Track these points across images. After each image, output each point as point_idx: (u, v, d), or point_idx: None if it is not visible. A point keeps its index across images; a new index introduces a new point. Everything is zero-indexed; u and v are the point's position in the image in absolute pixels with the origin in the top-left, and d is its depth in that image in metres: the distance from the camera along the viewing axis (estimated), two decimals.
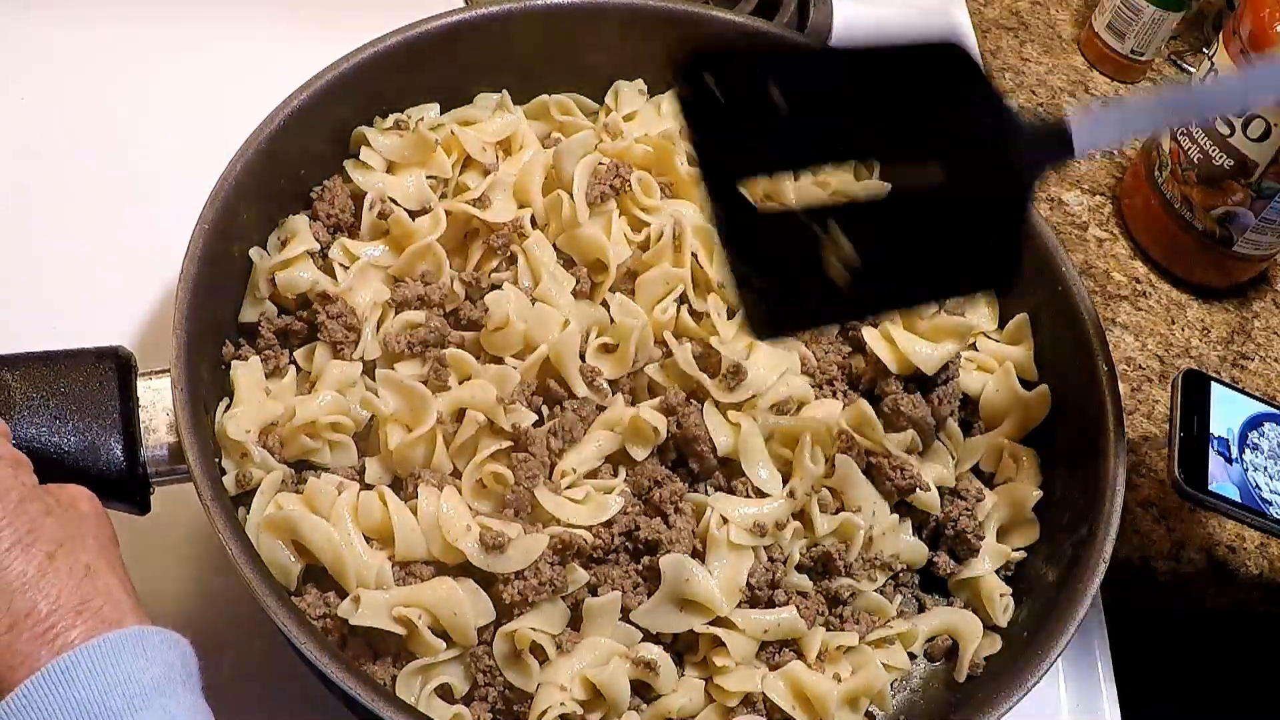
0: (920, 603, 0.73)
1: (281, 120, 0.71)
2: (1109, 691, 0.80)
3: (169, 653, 0.49)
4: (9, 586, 0.47)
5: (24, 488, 0.51)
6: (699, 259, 0.73)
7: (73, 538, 0.51)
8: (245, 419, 0.64)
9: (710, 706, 0.64)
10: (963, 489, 0.73)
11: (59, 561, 0.49)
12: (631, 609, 0.63)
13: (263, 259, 0.71)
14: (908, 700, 0.70)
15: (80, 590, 0.49)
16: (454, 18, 0.79)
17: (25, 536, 0.49)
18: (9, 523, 0.49)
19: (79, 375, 0.60)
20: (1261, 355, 1.02)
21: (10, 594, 0.47)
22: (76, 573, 0.49)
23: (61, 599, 0.48)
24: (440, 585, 0.61)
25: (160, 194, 0.83)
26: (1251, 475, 0.93)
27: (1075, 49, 1.21)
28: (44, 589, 0.48)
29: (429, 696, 0.61)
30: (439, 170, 0.76)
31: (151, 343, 0.78)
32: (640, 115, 0.83)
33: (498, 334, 0.68)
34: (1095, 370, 0.73)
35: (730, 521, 0.64)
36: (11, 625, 0.47)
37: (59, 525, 0.51)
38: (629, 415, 0.67)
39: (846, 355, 0.75)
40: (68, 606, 0.48)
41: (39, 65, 0.93)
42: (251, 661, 0.68)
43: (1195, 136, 0.96)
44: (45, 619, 0.47)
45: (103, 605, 0.49)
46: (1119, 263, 1.05)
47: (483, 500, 0.65)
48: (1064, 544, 0.71)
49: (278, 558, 0.62)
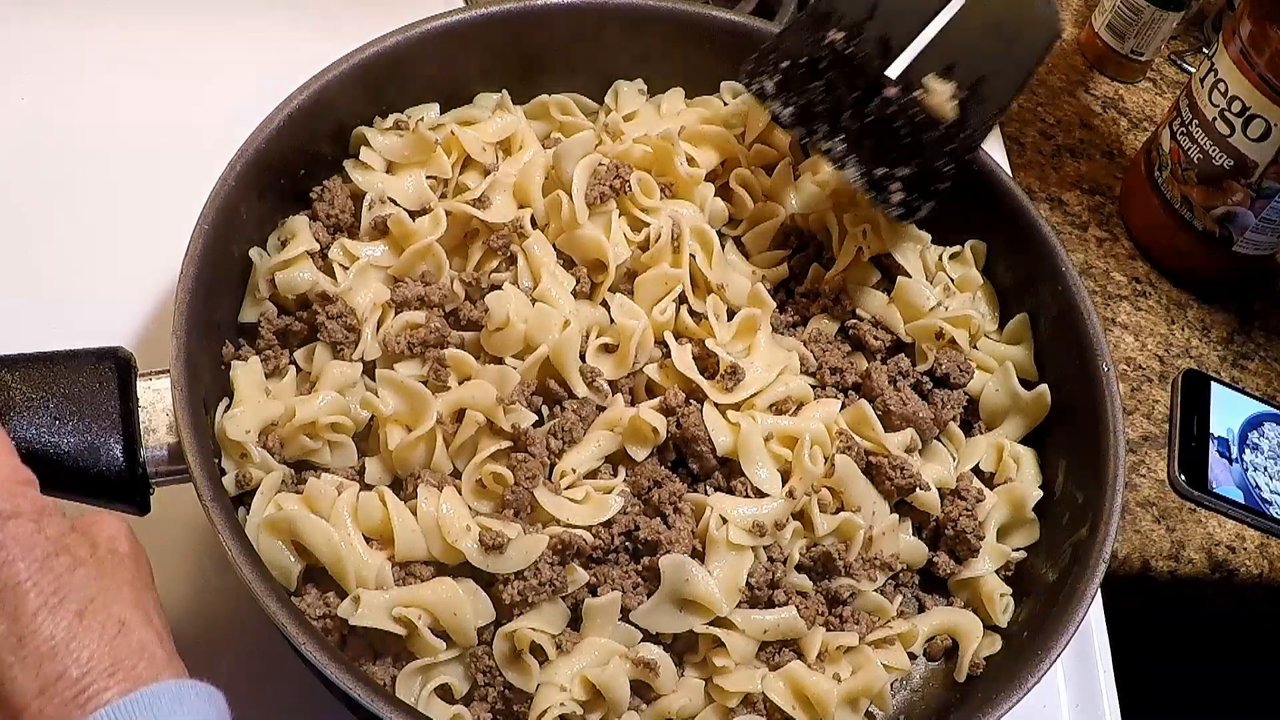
0: (920, 603, 0.73)
1: (281, 120, 0.71)
2: (1109, 691, 0.80)
3: (204, 707, 0.48)
4: (37, 651, 0.46)
5: (49, 541, 0.48)
6: (697, 259, 0.73)
7: (105, 590, 0.49)
8: (245, 419, 0.64)
9: (710, 707, 0.64)
10: (963, 489, 0.73)
11: (89, 620, 0.47)
12: (631, 609, 0.63)
13: (263, 259, 0.71)
14: (908, 700, 0.70)
15: (113, 650, 0.47)
16: (454, 18, 0.79)
17: (52, 597, 0.47)
18: (34, 583, 0.47)
19: (79, 375, 0.60)
20: (1261, 355, 1.02)
21: (39, 658, 0.45)
22: (109, 630, 0.47)
23: (93, 660, 0.46)
24: (440, 585, 0.61)
25: (160, 194, 0.83)
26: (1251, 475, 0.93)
27: (1075, 49, 1.21)
28: (74, 651, 0.46)
29: (429, 696, 0.61)
30: (439, 170, 0.76)
31: (151, 343, 0.78)
32: (640, 115, 0.83)
33: (498, 334, 0.68)
34: (1095, 370, 0.73)
35: (730, 521, 0.64)
36: (42, 690, 0.45)
37: (89, 578, 0.48)
38: (629, 415, 0.67)
39: (846, 355, 0.75)
40: (100, 668, 0.46)
41: (39, 65, 0.93)
42: (251, 661, 0.68)
43: (1195, 136, 0.96)
44: (76, 682, 0.45)
45: (136, 664, 0.47)
46: (1119, 263, 1.05)
47: (482, 500, 0.65)
48: (1064, 544, 0.71)
49: (277, 558, 0.62)
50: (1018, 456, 0.76)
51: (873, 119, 0.72)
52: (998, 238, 0.81)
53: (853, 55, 0.72)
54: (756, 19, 0.85)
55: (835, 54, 0.72)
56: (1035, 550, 0.73)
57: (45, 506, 0.50)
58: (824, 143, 0.73)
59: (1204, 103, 0.95)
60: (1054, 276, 0.77)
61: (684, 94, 0.85)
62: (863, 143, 0.72)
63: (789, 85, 0.73)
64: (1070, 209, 1.07)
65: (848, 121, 0.72)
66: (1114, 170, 1.11)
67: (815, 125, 0.73)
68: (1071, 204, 1.08)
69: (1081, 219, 1.07)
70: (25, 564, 0.47)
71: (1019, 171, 1.08)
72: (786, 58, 0.73)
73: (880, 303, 0.77)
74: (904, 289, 0.76)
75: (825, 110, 0.72)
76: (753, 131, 0.82)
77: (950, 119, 0.71)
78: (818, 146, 0.73)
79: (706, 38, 0.83)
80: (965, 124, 0.72)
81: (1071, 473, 0.73)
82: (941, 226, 0.83)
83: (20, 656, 0.46)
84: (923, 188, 0.72)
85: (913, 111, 0.71)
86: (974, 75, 0.72)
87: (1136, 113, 1.17)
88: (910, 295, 0.76)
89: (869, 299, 0.77)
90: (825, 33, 0.73)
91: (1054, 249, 0.77)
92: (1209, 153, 0.95)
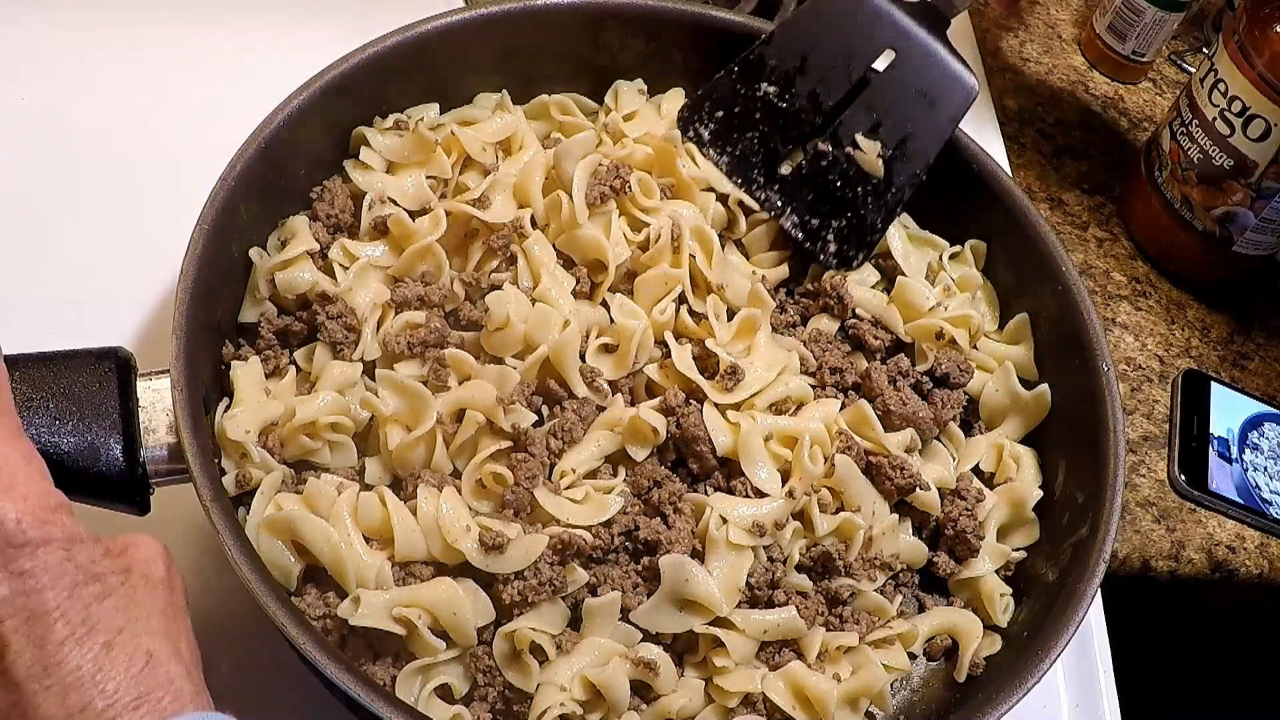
0: (920, 603, 0.73)
1: (281, 120, 0.71)
2: (1109, 691, 0.80)
3: None
4: (63, 681, 0.45)
5: (79, 569, 0.48)
6: (697, 259, 0.73)
7: (134, 621, 0.48)
8: (245, 419, 0.64)
9: (710, 707, 0.64)
10: (963, 489, 0.73)
11: (116, 652, 0.47)
12: (631, 609, 0.63)
13: (263, 259, 0.71)
14: (908, 700, 0.70)
15: (140, 683, 0.47)
16: (454, 18, 0.79)
17: (79, 628, 0.46)
18: (62, 614, 0.46)
19: (79, 375, 0.60)
20: (1261, 355, 1.02)
21: (65, 689, 0.45)
22: (136, 663, 0.47)
23: (119, 693, 0.46)
24: (440, 585, 0.61)
25: (160, 194, 0.83)
26: (1251, 475, 0.93)
27: (1075, 49, 1.21)
28: (100, 683, 0.46)
29: (429, 696, 0.61)
30: (439, 170, 0.76)
31: (151, 343, 0.78)
32: (640, 115, 0.83)
33: (498, 334, 0.68)
34: (1095, 370, 0.73)
35: (730, 521, 0.64)
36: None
37: (119, 608, 0.48)
38: (629, 415, 0.67)
39: (846, 355, 0.75)
40: (125, 701, 0.46)
41: (39, 65, 0.93)
42: (251, 661, 0.68)
43: (1195, 136, 0.96)
44: (101, 714, 0.45)
45: (162, 697, 0.47)
46: (1119, 263, 1.05)
47: (482, 500, 0.65)
48: (1064, 544, 0.71)
49: (277, 558, 0.62)
50: (1018, 456, 0.76)
51: (805, 172, 0.76)
52: (998, 238, 0.81)
53: (785, 109, 0.76)
54: (756, 19, 0.85)
55: (769, 105, 0.76)
56: (1035, 550, 0.73)
57: (76, 533, 0.49)
58: (760, 193, 0.76)
59: (1204, 103, 0.95)
60: (1054, 276, 0.77)
61: (684, 94, 0.85)
62: (797, 194, 0.76)
63: (723, 135, 0.76)
64: (1070, 209, 1.07)
65: (781, 174, 0.76)
66: (1114, 170, 1.11)
67: (752, 174, 0.76)
68: (1071, 204, 1.08)
69: (1081, 219, 1.07)
70: (54, 592, 0.46)
71: (1019, 171, 1.08)
72: (720, 107, 0.77)
73: (880, 303, 0.77)
74: (904, 289, 0.77)
75: (760, 161, 0.76)
76: None
77: (878, 175, 0.75)
78: (755, 196, 0.77)
79: (707, 38, 0.83)
80: (892, 181, 0.75)
81: (1071, 473, 0.73)
82: (942, 226, 0.83)
83: (45, 686, 0.45)
84: (857, 239, 0.76)
85: (844, 166, 0.76)
86: (899, 134, 0.75)
87: (1136, 113, 1.17)
88: (910, 295, 0.76)
89: (869, 299, 0.77)
90: (758, 85, 0.76)
91: (1054, 249, 0.78)
92: (1209, 153, 0.95)
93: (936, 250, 0.81)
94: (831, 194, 0.76)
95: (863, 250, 0.76)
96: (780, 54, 0.76)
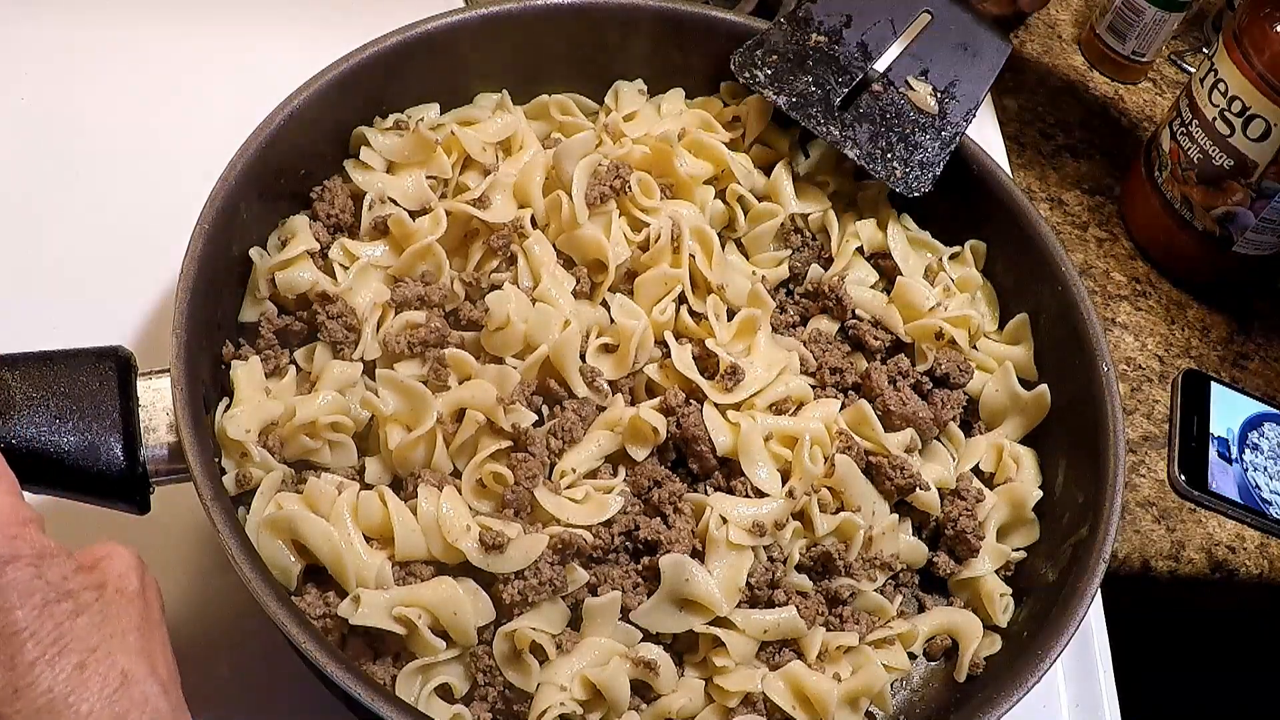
0: (920, 603, 0.73)
1: (281, 120, 0.71)
2: (1109, 691, 0.80)
3: None
4: (33, 704, 0.44)
5: (49, 586, 0.46)
6: (697, 260, 0.73)
7: (109, 638, 0.47)
8: (245, 419, 0.64)
9: (710, 706, 0.64)
10: (963, 489, 0.73)
11: (90, 672, 0.45)
12: (631, 609, 0.63)
13: (263, 259, 0.71)
14: (908, 700, 0.70)
15: (115, 704, 0.45)
16: (454, 18, 0.79)
17: (51, 648, 0.45)
18: (32, 633, 0.45)
19: (79, 375, 0.60)
20: (1261, 355, 1.02)
21: (35, 713, 0.44)
22: (111, 683, 0.45)
23: (93, 715, 0.44)
24: (440, 585, 0.61)
25: (160, 194, 0.83)
26: (1251, 475, 0.93)
27: (1075, 49, 1.21)
28: (73, 704, 0.44)
29: (429, 696, 0.61)
30: (439, 170, 0.76)
31: (151, 343, 0.78)
32: (640, 115, 0.83)
33: (498, 334, 0.68)
34: (1095, 370, 0.73)
35: (730, 521, 0.64)
36: None
37: (92, 626, 0.46)
38: (629, 415, 0.67)
39: (846, 355, 0.75)
40: None
41: (39, 65, 0.93)
42: (251, 661, 0.68)
43: (1195, 136, 0.96)
44: None
45: (139, 718, 0.46)
46: (1119, 263, 1.05)
47: (483, 500, 0.65)
48: (1064, 544, 0.71)
49: (277, 558, 0.62)
50: (1018, 456, 0.75)
51: (863, 109, 0.81)
52: (998, 238, 0.81)
53: (837, 55, 0.81)
54: (756, 19, 0.85)
55: (820, 51, 0.80)
56: (1035, 550, 0.73)
57: (46, 549, 0.47)
58: (820, 127, 0.79)
59: (1204, 103, 0.95)
60: (1054, 276, 0.77)
61: (684, 94, 0.85)
62: (857, 129, 0.80)
63: (779, 78, 0.79)
64: (1070, 209, 1.07)
65: (840, 111, 0.80)
66: (1114, 170, 1.11)
67: (811, 110, 0.80)
68: (1071, 204, 1.08)
69: (1081, 219, 1.07)
70: (24, 611, 0.45)
71: (1019, 171, 1.08)
72: (774, 52, 0.80)
73: (880, 303, 0.77)
74: (904, 289, 0.77)
75: (818, 100, 0.80)
76: (752, 132, 0.82)
77: (933, 112, 0.81)
78: (817, 130, 0.79)
79: (707, 38, 0.83)
80: (947, 116, 0.82)
81: (1071, 473, 0.73)
82: (942, 226, 0.83)
83: (16, 709, 0.44)
84: (920, 169, 0.80)
85: (901, 104, 0.81)
86: (947, 79, 0.83)
87: (1136, 113, 1.17)
88: (910, 295, 0.76)
89: (869, 299, 0.77)
90: (808, 34, 0.81)
91: (1054, 249, 0.78)
92: (1209, 153, 0.95)
93: (935, 254, 0.81)
94: (891, 128, 0.80)
95: (926, 179, 0.79)
96: (826, 10, 0.82)
